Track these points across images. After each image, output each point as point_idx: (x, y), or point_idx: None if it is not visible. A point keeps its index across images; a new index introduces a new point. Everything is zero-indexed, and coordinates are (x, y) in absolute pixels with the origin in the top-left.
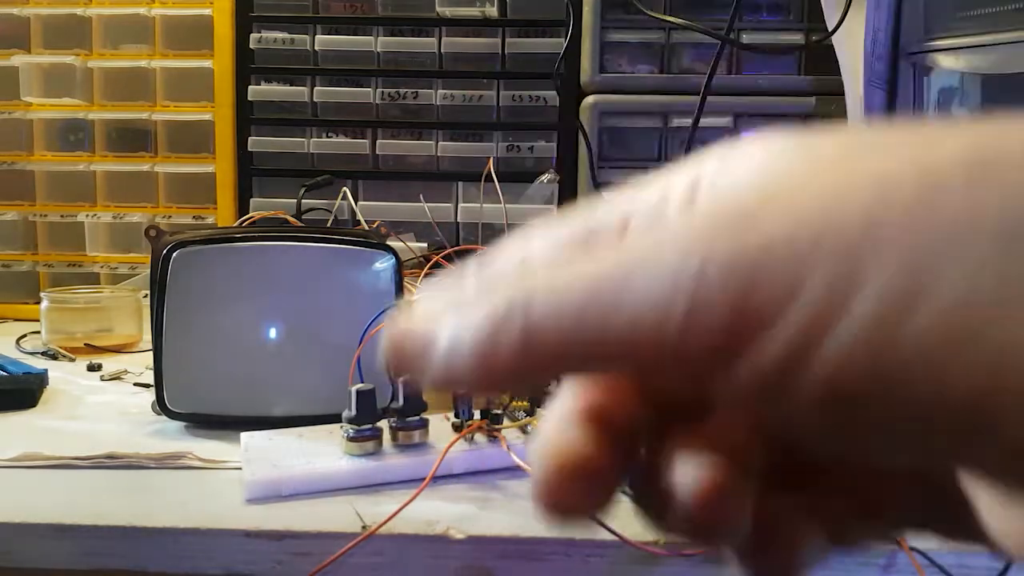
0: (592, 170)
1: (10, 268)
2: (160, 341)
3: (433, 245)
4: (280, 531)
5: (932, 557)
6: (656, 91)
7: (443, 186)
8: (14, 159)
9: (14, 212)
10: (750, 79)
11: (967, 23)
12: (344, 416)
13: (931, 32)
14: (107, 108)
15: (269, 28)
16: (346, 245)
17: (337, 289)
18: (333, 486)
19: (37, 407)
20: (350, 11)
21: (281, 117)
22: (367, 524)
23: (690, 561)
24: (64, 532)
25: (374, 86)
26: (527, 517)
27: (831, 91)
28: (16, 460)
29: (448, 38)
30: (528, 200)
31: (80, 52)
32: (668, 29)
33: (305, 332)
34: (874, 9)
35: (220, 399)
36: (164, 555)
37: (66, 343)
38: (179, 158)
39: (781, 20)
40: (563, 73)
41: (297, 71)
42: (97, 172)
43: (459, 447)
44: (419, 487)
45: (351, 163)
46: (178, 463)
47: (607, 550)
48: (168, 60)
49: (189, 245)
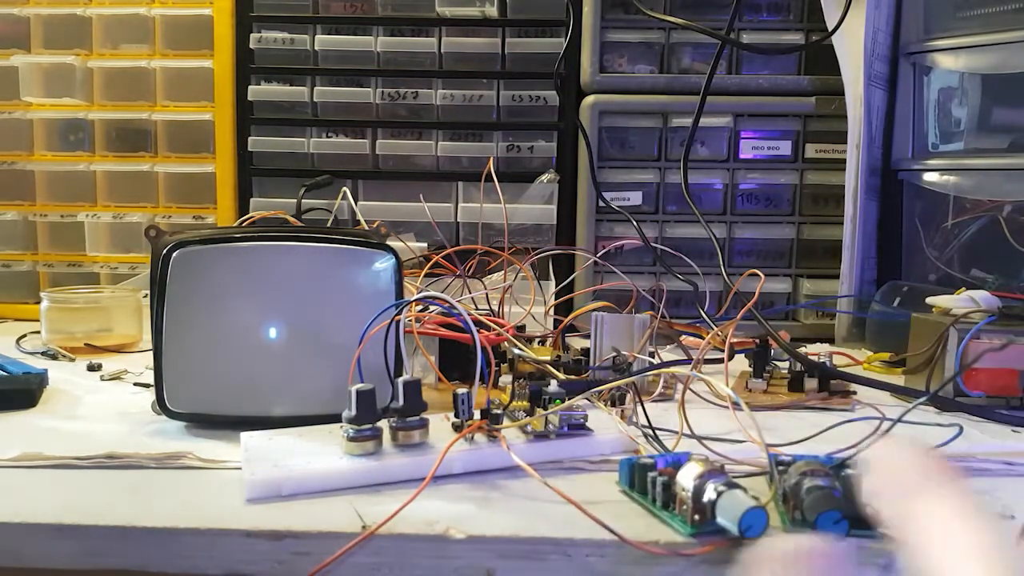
0: (592, 170)
1: (10, 268)
2: (160, 341)
3: (433, 245)
4: (280, 531)
5: None
6: (656, 91)
7: (443, 186)
8: (14, 159)
9: (14, 212)
10: (750, 79)
11: (967, 23)
12: (344, 416)
13: (931, 32)
14: (107, 108)
15: (269, 28)
16: (346, 245)
17: (337, 289)
18: (333, 486)
19: (37, 407)
20: (350, 11)
21: (281, 117)
22: (367, 524)
23: (690, 561)
24: (64, 532)
25: (374, 86)
26: (527, 517)
27: (831, 91)
28: (16, 460)
29: (448, 38)
30: (528, 200)
31: (80, 52)
32: (668, 29)
33: (305, 332)
34: (874, 9)
35: (220, 399)
36: (164, 555)
37: (66, 343)
38: (179, 158)
39: (781, 20)
40: (563, 73)
41: (297, 71)
42: (97, 172)
43: (459, 447)
44: (419, 487)
45: (351, 163)
46: (178, 463)
47: (607, 550)
48: (168, 60)
49: (189, 245)
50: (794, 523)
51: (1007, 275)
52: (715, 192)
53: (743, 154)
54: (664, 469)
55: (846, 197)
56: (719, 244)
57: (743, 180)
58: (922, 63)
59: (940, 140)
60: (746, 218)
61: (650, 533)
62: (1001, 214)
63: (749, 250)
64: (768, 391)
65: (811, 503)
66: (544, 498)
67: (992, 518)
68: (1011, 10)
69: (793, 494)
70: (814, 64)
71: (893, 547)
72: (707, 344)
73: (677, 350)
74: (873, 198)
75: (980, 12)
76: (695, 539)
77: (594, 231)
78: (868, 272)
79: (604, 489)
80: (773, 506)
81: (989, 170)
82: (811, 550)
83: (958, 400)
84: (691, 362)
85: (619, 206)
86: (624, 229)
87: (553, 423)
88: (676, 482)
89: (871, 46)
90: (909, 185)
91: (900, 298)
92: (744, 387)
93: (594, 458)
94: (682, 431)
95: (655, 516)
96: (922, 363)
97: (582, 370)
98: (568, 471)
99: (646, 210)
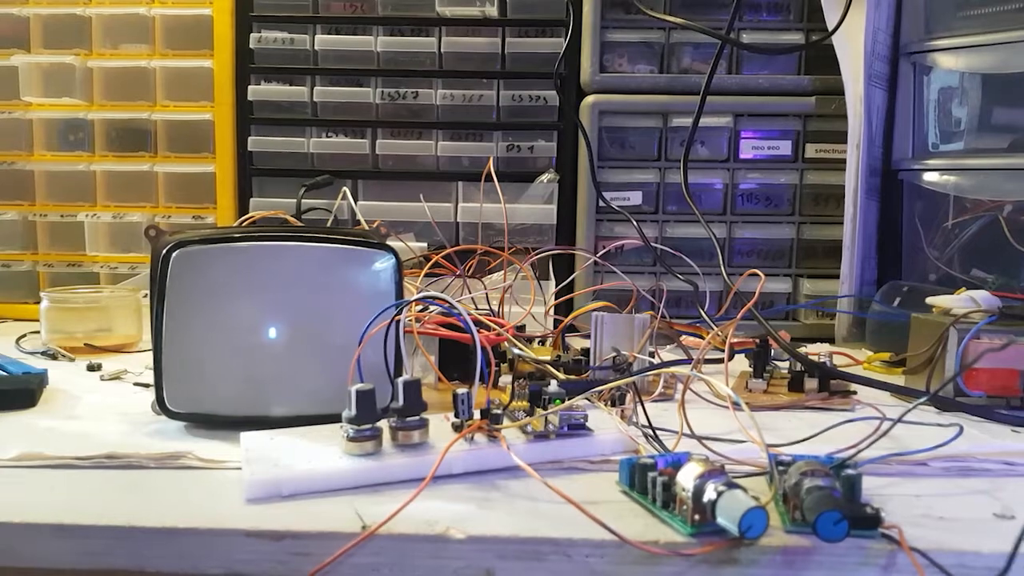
0: (592, 170)
1: (10, 268)
2: (160, 341)
3: (433, 245)
4: (280, 531)
5: (932, 557)
6: (656, 91)
7: (443, 186)
8: (14, 159)
9: (14, 212)
10: (750, 79)
11: (967, 23)
12: (344, 416)
13: (931, 32)
14: (107, 108)
15: (269, 28)
16: (346, 245)
17: (337, 289)
18: (333, 486)
19: (37, 407)
20: (350, 11)
21: (281, 117)
22: (367, 524)
23: (690, 561)
24: (64, 532)
25: (374, 86)
26: (527, 517)
27: (831, 91)
28: (16, 460)
29: (448, 38)
30: (528, 200)
31: (80, 52)
32: (668, 29)
33: (305, 332)
34: (874, 9)
35: (220, 399)
36: (164, 555)
37: (66, 343)
38: (179, 158)
39: (781, 20)
40: (563, 73)
41: (297, 71)
42: (97, 172)
43: (459, 447)
44: (419, 487)
45: (351, 163)
46: (178, 463)
47: (607, 550)
48: (168, 60)
49: (189, 245)
50: (794, 523)
51: (1007, 275)
52: (715, 192)
53: (743, 154)
54: (664, 469)
55: (846, 197)
56: (719, 244)
57: (743, 180)
58: (922, 63)
59: (940, 140)
60: (746, 218)
61: (650, 533)
62: (1001, 214)
63: (749, 250)
64: (768, 391)
65: (811, 503)
66: (544, 498)
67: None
68: (1011, 10)
69: (793, 494)
70: (814, 64)
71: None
72: (707, 344)
73: (677, 350)
74: (873, 198)
75: (980, 12)
76: (695, 539)
77: (594, 231)
78: (868, 272)
79: (604, 489)
80: (773, 506)
81: (989, 170)
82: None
83: (958, 400)
84: (691, 362)
85: (619, 206)
86: (624, 229)
87: (553, 423)
88: (676, 482)
89: (871, 46)
90: (909, 185)
91: (900, 298)
92: (744, 387)
93: (594, 458)
94: (682, 431)
95: (655, 516)
96: (922, 363)
97: (582, 370)
98: (568, 471)
99: (646, 210)
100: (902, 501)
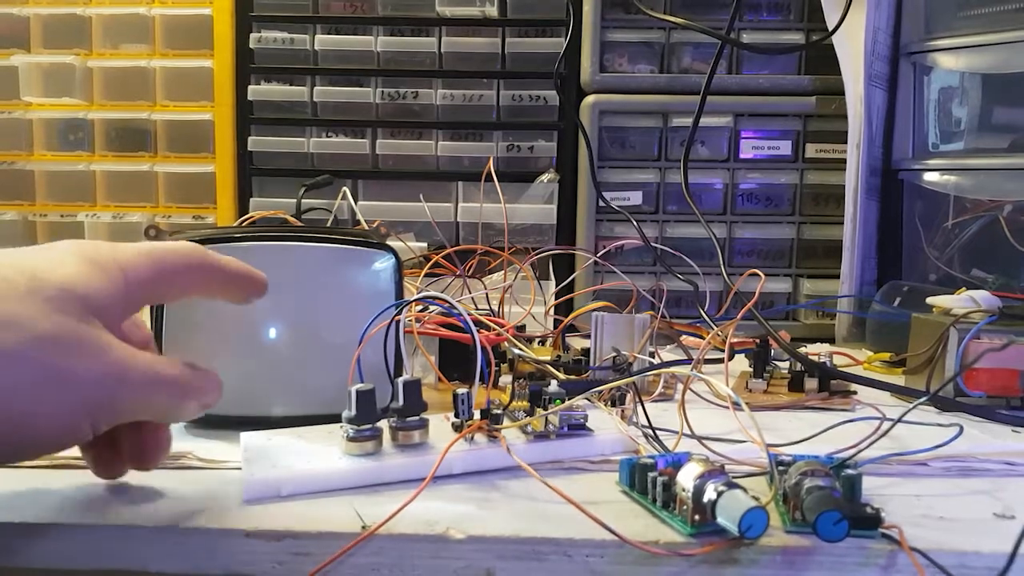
0: (592, 170)
1: None
2: (160, 341)
3: (433, 245)
4: (280, 531)
5: (932, 557)
6: (656, 91)
7: (443, 186)
8: (14, 159)
9: (14, 212)
10: (750, 79)
11: (968, 23)
12: (344, 416)
13: (931, 32)
14: (107, 108)
15: (269, 28)
16: (346, 245)
17: (337, 289)
18: (333, 486)
19: None
20: (350, 11)
21: (281, 117)
22: (367, 524)
23: (690, 561)
24: (64, 532)
25: (374, 86)
26: (527, 517)
27: (831, 91)
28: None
29: (448, 38)
30: (528, 200)
31: (80, 52)
32: (668, 29)
33: (305, 332)
34: (874, 9)
35: (220, 399)
36: (164, 555)
37: None
38: (179, 158)
39: (781, 20)
40: (563, 73)
41: (297, 71)
42: (97, 172)
43: (459, 447)
44: (419, 487)
45: (351, 163)
46: (178, 463)
47: (607, 550)
48: (168, 60)
49: None
50: (794, 523)
51: (1008, 275)
52: (715, 192)
53: (743, 154)
54: (664, 469)
55: (846, 197)
56: (719, 244)
57: (743, 180)
58: (922, 63)
59: (940, 140)
60: (746, 218)
61: (650, 533)
62: (1001, 214)
63: (749, 250)
64: (768, 391)
65: (811, 503)
66: (544, 498)
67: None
68: (1012, 10)
69: (793, 494)
70: (814, 64)
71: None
72: (707, 344)
73: (677, 350)
74: (873, 198)
75: (981, 12)
76: (695, 539)
77: (594, 231)
78: (868, 272)
79: (604, 489)
80: (773, 506)
81: (989, 170)
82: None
83: (958, 400)
84: (691, 362)
85: (619, 206)
86: (624, 229)
87: (553, 423)
88: (676, 482)
89: (871, 46)
90: (909, 185)
91: (900, 298)
92: (744, 387)
93: (594, 458)
94: (682, 431)
95: (655, 516)
96: (922, 363)
97: (582, 370)
98: (568, 471)
99: (646, 210)
100: (902, 501)
